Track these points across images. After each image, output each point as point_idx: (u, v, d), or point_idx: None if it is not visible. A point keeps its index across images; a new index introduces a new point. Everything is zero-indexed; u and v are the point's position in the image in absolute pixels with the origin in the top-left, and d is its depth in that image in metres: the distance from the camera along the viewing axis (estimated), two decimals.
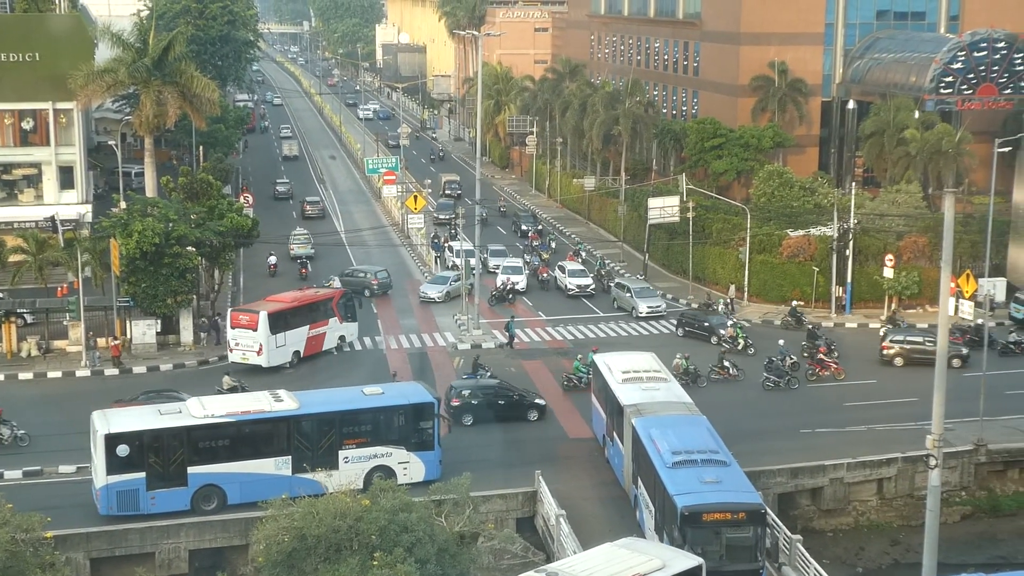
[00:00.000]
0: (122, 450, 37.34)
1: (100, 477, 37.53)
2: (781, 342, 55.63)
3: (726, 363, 53.16)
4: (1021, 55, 75.60)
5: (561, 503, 37.33)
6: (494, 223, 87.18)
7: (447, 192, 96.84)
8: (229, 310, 55.34)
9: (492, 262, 72.72)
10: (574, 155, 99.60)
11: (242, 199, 75.99)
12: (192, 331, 57.22)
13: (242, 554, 37.50)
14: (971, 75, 75.51)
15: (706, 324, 59.33)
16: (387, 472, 39.63)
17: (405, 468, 40.40)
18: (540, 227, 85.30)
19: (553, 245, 79.43)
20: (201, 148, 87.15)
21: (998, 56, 75.42)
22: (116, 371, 53.85)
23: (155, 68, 67.43)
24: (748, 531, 32.96)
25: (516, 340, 58.59)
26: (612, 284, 67.78)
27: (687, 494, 33.16)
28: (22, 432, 44.69)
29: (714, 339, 57.83)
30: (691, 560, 29.58)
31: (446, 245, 76.22)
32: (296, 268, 72.31)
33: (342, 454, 39.77)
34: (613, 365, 43.94)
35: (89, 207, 69.83)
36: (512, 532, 37.50)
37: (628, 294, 64.64)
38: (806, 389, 51.98)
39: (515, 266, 71.26)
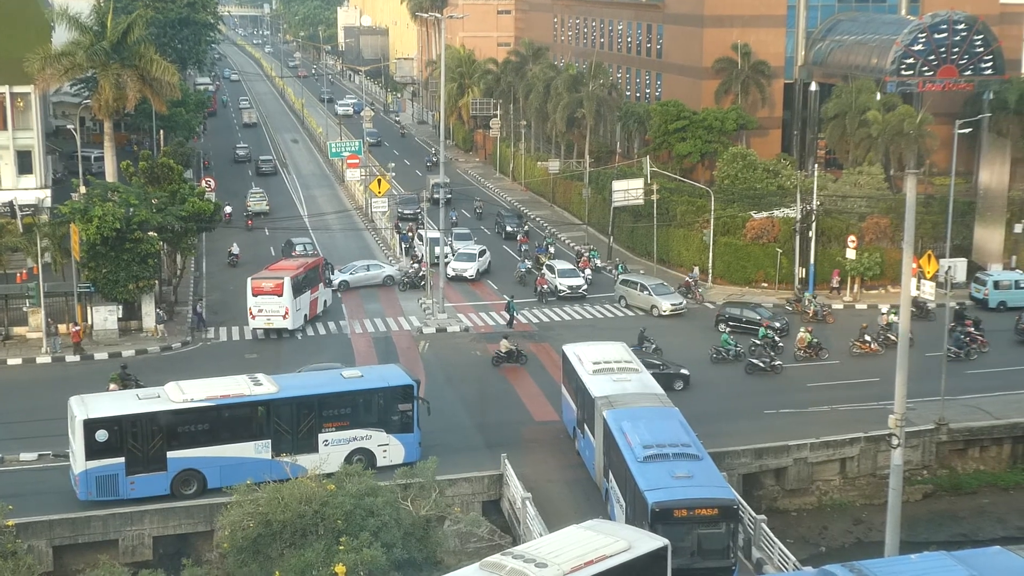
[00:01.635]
0: (101, 435, 36.97)
1: (79, 463, 37.14)
2: (894, 318, 56.25)
3: (867, 337, 54.24)
4: (981, 37, 76.18)
5: (527, 486, 37.31)
6: (465, 225, 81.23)
7: (435, 195, 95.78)
8: (249, 279, 56.91)
9: (456, 246, 72.30)
10: (538, 138, 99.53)
11: (204, 183, 75.38)
12: (154, 317, 56.79)
13: (207, 540, 37.32)
14: (932, 57, 76.01)
15: (757, 319, 57.07)
16: (367, 455, 39.65)
17: (385, 451, 40.35)
18: (528, 228, 79.92)
19: (552, 250, 71.89)
20: (162, 132, 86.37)
21: (958, 38, 75.93)
22: (77, 357, 53.34)
23: (114, 51, 66.64)
24: (720, 527, 32.02)
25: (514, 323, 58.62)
26: (617, 280, 63.91)
27: (658, 489, 32.31)
28: None
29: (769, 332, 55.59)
30: (657, 541, 29.57)
31: (413, 235, 75.77)
32: (244, 220, 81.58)
33: (322, 437, 39.63)
34: (583, 356, 42.89)
35: (48, 192, 69.15)
36: (478, 515, 37.49)
37: (644, 292, 61.20)
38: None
39: (468, 253, 69.23)
